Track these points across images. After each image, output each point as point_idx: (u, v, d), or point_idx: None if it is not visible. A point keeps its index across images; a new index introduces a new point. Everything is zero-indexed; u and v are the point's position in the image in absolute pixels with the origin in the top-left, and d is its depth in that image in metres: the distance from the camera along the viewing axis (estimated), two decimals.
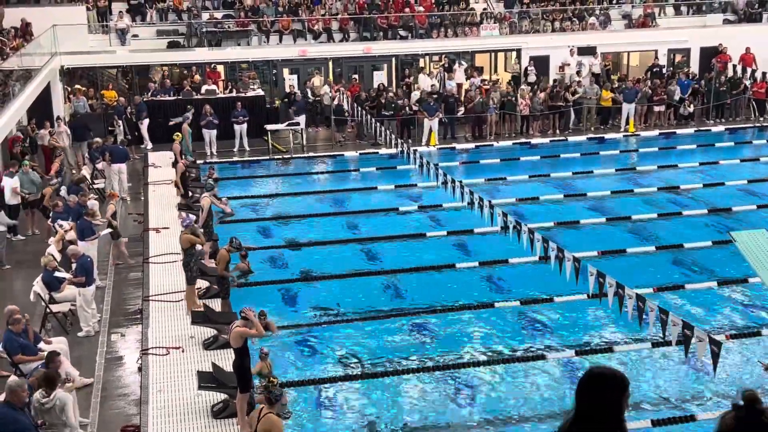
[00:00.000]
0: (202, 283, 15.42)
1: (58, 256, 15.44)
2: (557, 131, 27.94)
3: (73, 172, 22.03)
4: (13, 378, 10.08)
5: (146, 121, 26.27)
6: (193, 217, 16.44)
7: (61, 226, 16.16)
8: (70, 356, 12.91)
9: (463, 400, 12.35)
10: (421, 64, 31.25)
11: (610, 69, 32.00)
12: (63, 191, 19.15)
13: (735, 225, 18.62)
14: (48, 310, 14.24)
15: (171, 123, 25.37)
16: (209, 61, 29.49)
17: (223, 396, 11.82)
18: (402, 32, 31.55)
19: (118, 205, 18.05)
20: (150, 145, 26.26)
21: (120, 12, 29.87)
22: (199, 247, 15.08)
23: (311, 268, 17.24)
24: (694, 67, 31.57)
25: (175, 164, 21.93)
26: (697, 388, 12.56)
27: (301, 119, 27.10)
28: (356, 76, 29.88)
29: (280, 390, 10.26)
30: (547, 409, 12.05)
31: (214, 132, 25.65)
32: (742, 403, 3.86)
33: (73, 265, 14.65)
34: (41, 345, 12.52)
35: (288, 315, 15.10)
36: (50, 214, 17.73)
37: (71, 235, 16.03)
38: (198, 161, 24.31)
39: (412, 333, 14.48)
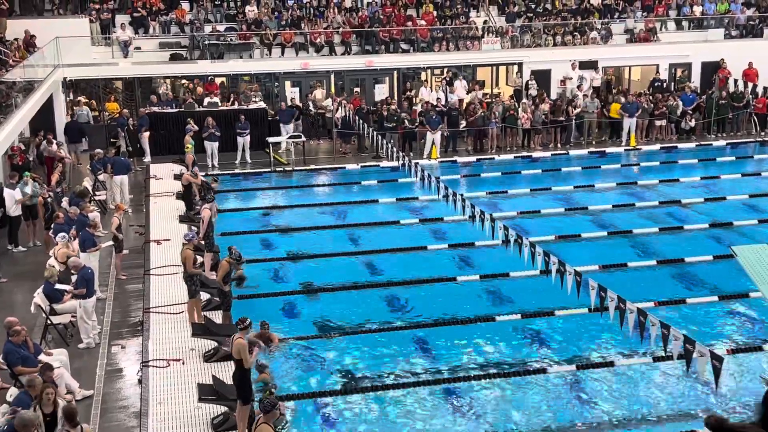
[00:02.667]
0: (203, 296, 15.39)
1: (60, 268, 15.43)
2: (558, 145, 27.96)
3: (77, 186, 22.02)
4: (27, 412, 10.06)
5: (147, 134, 26.32)
6: (195, 230, 16.46)
7: (63, 237, 16.12)
8: (71, 368, 12.90)
9: (463, 414, 12.32)
10: (423, 77, 31.31)
11: (612, 82, 32.05)
12: (65, 203, 19.16)
13: (736, 239, 18.60)
14: (48, 322, 14.23)
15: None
16: (211, 74, 29.57)
17: (223, 408, 11.79)
18: (404, 46, 31.67)
19: (120, 217, 18.01)
20: (149, 158, 26.28)
21: (122, 24, 29.98)
22: (199, 260, 15.06)
23: (312, 281, 17.24)
24: (696, 81, 31.66)
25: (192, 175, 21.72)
26: (699, 402, 12.53)
27: (289, 128, 27.18)
28: (358, 89, 29.96)
29: (274, 399, 10.24)
30: (547, 424, 12.01)
31: (216, 144, 25.67)
32: None
33: (74, 277, 14.65)
34: (41, 356, 12.51)
35: (288, 327, 15.08)
36: (51, 226, 17.73)
37: (74, 246, 16.04)
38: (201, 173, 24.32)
39: (413, 346, 14.45)
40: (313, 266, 18.10)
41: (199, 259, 16.01)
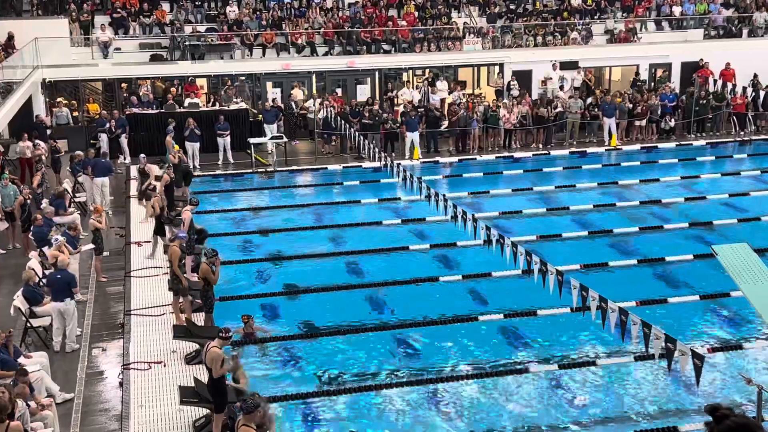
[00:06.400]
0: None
1: (40, 270, 15.30)
2: (540, 145, 28.02)
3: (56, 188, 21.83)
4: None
5: (126, 135, 26.18)
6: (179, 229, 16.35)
7: (56, 241, 15.84)
8: (51, 371, 12.81)
9: (446, 414, 12.32)
10: (405, 78, 31.33)
11: (592, 82, 32.19)
12: (44, 204, 19.00)
13: (716, 239, 18.71)
14: (28, 325, 14.11)
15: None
16: (192, 75, 29.43)
17: (204, 411, 11.73)
18: (385, 46, 31.66)
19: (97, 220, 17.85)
20: (129, 159, 26.12)
21: (102, 25, 29.79)
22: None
23: (294, 282, 17.19)
24: (676, 81, 31.84)
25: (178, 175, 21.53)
26: (679, 401, 12.60)
27: (273, 128, 27.14)
28: (339, 90, 29.88)
29: (256, 401, 10.16)
30: (530, 423, 12.04)
31: (197, 145, 25.55)
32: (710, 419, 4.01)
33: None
34: (21, 359, 12.41)
35: (270, 328, 15.02)
36: (31, 228, 17.57)
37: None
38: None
39: (395, 346, 14.44)
40: (295, 267, 18.05)
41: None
